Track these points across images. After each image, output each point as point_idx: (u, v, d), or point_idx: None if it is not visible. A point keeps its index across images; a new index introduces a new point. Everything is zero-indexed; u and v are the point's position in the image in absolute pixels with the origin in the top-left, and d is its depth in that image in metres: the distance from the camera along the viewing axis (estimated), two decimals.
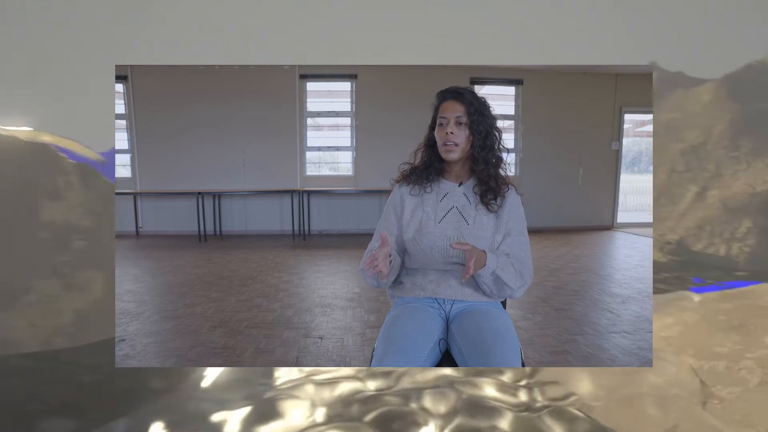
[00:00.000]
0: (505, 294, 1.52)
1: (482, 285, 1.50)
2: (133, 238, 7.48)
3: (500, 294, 1.52)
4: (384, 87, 7.84)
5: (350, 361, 2.63)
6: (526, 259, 1.53)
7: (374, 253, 1.36)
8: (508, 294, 1.52)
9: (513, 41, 2.05)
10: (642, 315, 3.44)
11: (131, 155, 7.88)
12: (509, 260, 1.49)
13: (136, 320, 3.36)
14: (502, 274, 1.45)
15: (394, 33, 2.57)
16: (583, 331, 3.13)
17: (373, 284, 1.56)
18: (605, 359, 2.67)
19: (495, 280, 1.47)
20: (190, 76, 7.62)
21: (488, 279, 1.46)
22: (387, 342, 1.40)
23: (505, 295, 1.53)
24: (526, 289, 1.54)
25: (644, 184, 10.09)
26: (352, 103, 8.00)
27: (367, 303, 3.74)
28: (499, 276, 1.45)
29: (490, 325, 1.43)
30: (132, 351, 2.80)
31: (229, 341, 2.94)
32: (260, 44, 2.58)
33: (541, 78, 8.19)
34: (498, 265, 1.45)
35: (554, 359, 2.66)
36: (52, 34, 2.35)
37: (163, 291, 4.22)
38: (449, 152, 1.52)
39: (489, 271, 1.44)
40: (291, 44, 2.63)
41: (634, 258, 5.67)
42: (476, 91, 1.58)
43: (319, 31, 2.54)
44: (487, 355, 1.33)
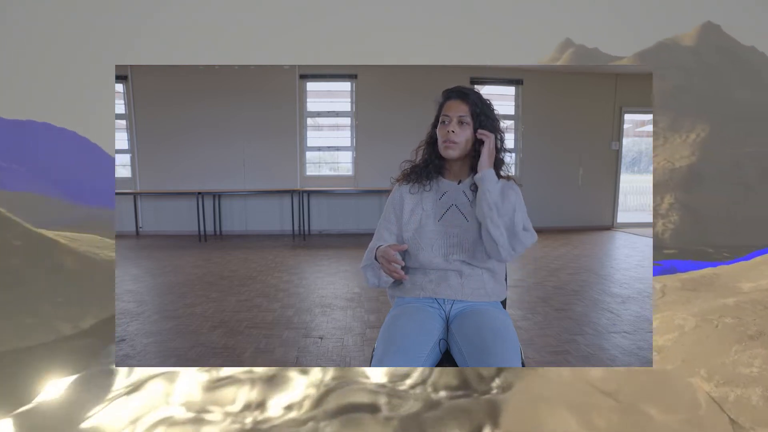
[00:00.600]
0: (508, 209, 1.45)
1: (486, 194, 1.44)
2: (133, 238, 7.47)
3: (504, 206, 1.45)
4: (384, 87, 7.84)
5: (350, 361, 2.63)
6: (528, 221, 1.50)
7: (391, 256, 1.41)
8: (509, 211, 1.44)
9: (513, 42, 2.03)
10: (642, 315, 3.44)
11: (131, 155, 7.89)
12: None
13: (136, 320, 3.36)
14: (509, 194, 1.48)
15: (394, 33, 2.56)
16: (583, 331, 3.13)
17: (374, 283, 1.56)
18: (605, 359, 2.66)
19: (502, 188, 1.48)
20: (190, 76, 7.62)
21: (496, 186, 1.46)
22: (387, 342, 1.40)
23: (508, 216, 1.44)
24: (530, 241, 1.47)
25: (644, 184, 10.09)
26: (352, 103, 8.00)
27: (367, 303, 3.74)
28: (506, 194, 1.47)
29: (490, 325, 1.43)
30: (132, 351, 2.80)
31: (229, 341, 2.94)
32: (260, 44, 2.53)
33: (541, 78, 8.19)
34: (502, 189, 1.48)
35: (554, 359, 2.66)
36: (53, 35, 2.30)
37: (163, 291, 4.22)
38: (448, 149, 1.52)
39: (495, 178, 1.46)
40: (291, 44, 2.59)
41: (634, 258, 5.67)
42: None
43: (319, 31, 2.51)
44: (487, 355, 1.33)
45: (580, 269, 5.04)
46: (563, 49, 12.61)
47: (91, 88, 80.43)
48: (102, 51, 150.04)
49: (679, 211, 4.32)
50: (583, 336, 3.02)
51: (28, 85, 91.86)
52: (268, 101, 7.75)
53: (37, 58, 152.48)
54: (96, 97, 59.15)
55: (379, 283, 1.55)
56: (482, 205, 1.46)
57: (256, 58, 64.05)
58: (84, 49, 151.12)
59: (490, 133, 1.49)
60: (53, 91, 70.00)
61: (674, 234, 4.21)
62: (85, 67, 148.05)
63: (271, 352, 2.77)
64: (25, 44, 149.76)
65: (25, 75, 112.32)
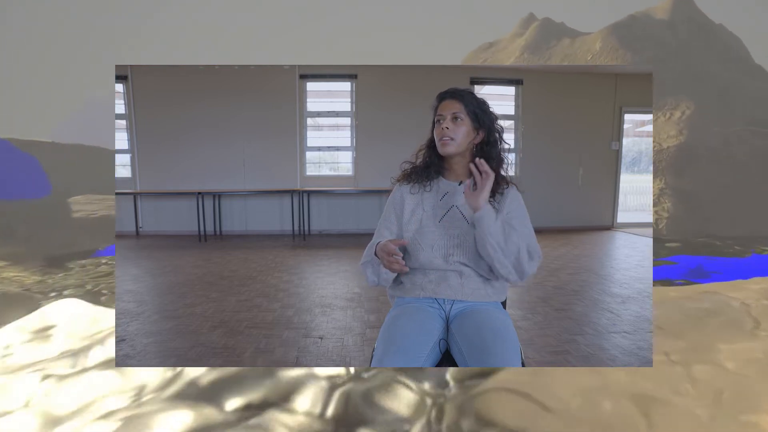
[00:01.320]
0: (513, 249, 1.44)
1: (487, 236, 1.42)
2: (133, 238, 7.48)
3: (508, 247, 1.44)
4: (384, 87, 7.84)
5: (350, 361, 2.63)
6: (532, 239, 1.50)
7: (391, 249, 1.38)
8: (514, 250, 1.44)
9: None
10: (642, 315, 3.44)
11: (131, 155, 7.89)
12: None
13: (136, 320, 3.36)
14: (511, 225, 1.46)
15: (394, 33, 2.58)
16: (583, 331, 3.13)
17: (373, 281, 1.56)
18: (605, 359, 2.67)
19: (503, 226, 1.45)
20: (190, 76, 7.62)
21: (497, 226, 1.43)
22: (387, 342, 1.40)
23: (513, 254, 1.44)
24: (536, 266, 1.49)
25: (644, 184, 10.10)
26: (352, 103, 8.00)
27: (367, 303, 3.74)
28: (512, 225, 1.46)
29: (490, 325, 1.43)
30: (132, 351, 2.80)
31: (229, 341, 2.94)
32: (260, 44, 2.55)
33: (541, 78, 8.19)
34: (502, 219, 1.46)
35: (554, 359, 2.66)
36: (53, 35, 2.31)
37: (163, 291, 4.22)
38: (444, 146, 1.53)
39: (494, 216, 1.43)
40: (291, 44, 2.60)
41: (634, 258, 5.67)
42: (476, 92, 1.59)
43: (319, 31, 2.52)
44: (487, 355, 1.33)
45: (580, 269, 5.04)
46: (527, 24, 11.94)
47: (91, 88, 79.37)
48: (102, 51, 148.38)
49: (672, 197, 4.26)
50: (583, 336, 3.02)
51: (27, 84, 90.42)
52: (268, 101, 7.75)
53: (36, 58, 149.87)
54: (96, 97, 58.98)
55: (379, 280, 1.55)
56: (486, 247, 1.44)
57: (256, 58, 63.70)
58: (84, 49, 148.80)
59: (491, 171, 1.42)
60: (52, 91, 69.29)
61: (672, 223, 4.15)
62: (85, 67, 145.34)
63: (271, 352, 2.77)
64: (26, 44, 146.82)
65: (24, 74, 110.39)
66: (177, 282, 4.52)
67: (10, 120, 12.01)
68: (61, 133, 25.53)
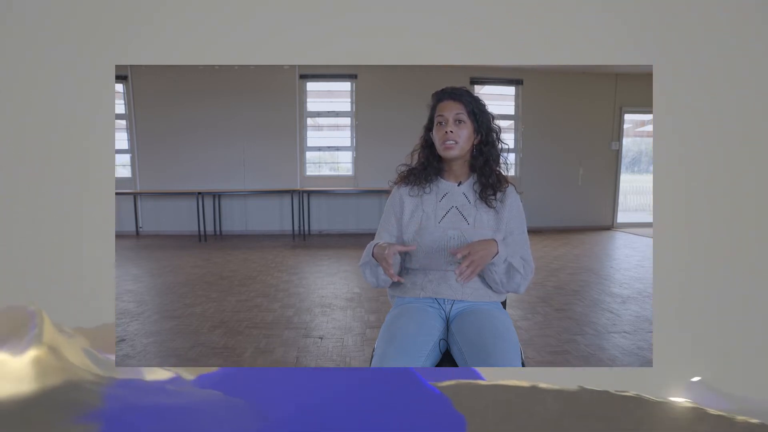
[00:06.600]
0: (513, 285, 1.49)
1: (493, 274, 1.46)
2: (133, 238, 7.48)
3: (509, 284, 1.48)
4: (384, 87, 7.84)
5: (350, 361, 2.63)
6: (527, 255, 1.54)
7: (385, 256, 1.40)
8: (515, 285, 1.49)
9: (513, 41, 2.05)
10: (642, 315, 3.44)
11: (131, 155, 7.88)
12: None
13: (136, 320, 3.36)
14: (514, 261, 1.46)
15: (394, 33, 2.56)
16: (583, 331, 3.13)
17: (373, 282, 1.56)
18: (605, 359, 2.67)
19: (508, 268, 1.46)
20: (190, 76, 7.62)
21: (501, 267, 1.44)
22: (387, 342, 1.40)
23: (512, 287, 1.50)
24: (527, 284, 1.52)
25: (644, 184, 10.09)
26: (352, 103, 8.00)
27: (367, 303, 3.74)
28: (511, 263, 1.46)
29: (490, 325, 1.43)
30: (132, 351, 2.80)
31: (229, 341, 2.94)
32: (260, 44, 2.57)
33: (541, 78, 8.19)
34: (509, 252, 1.46)
35: (554, 359, 2.66)
36: (52, 34, 2.33)
37: (163, 291, 4.22)
38: (448, 150, 1.52)
39: (502, 258, 1.43)
40: (291, 44, 2.61)
41: (634, 258, 5.67)
42: (476, 92, 1.59)
43: (319, 31, 2.53)
44: (487, 356, 1.33)
45: (580, 269, 5.04)
46: None
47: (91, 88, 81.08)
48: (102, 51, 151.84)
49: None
50: (583, 336, 3.02)
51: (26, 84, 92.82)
52: (268, 101, 7.75)
53: (36, 58, 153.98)
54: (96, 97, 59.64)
55: (378, 282, 1.55)
56: (489, 281, 1.51)
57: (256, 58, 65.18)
58: (84, 49, 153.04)
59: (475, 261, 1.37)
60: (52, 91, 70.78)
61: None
62: (85, 67, 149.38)
63: (271, 352, 2.77)
64: (25, 44, 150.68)
65: (24, 74, 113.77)
66: (177, 282, 4.52)
67: (9, 120, 11.99)
68: (60, 132, 25.50)
